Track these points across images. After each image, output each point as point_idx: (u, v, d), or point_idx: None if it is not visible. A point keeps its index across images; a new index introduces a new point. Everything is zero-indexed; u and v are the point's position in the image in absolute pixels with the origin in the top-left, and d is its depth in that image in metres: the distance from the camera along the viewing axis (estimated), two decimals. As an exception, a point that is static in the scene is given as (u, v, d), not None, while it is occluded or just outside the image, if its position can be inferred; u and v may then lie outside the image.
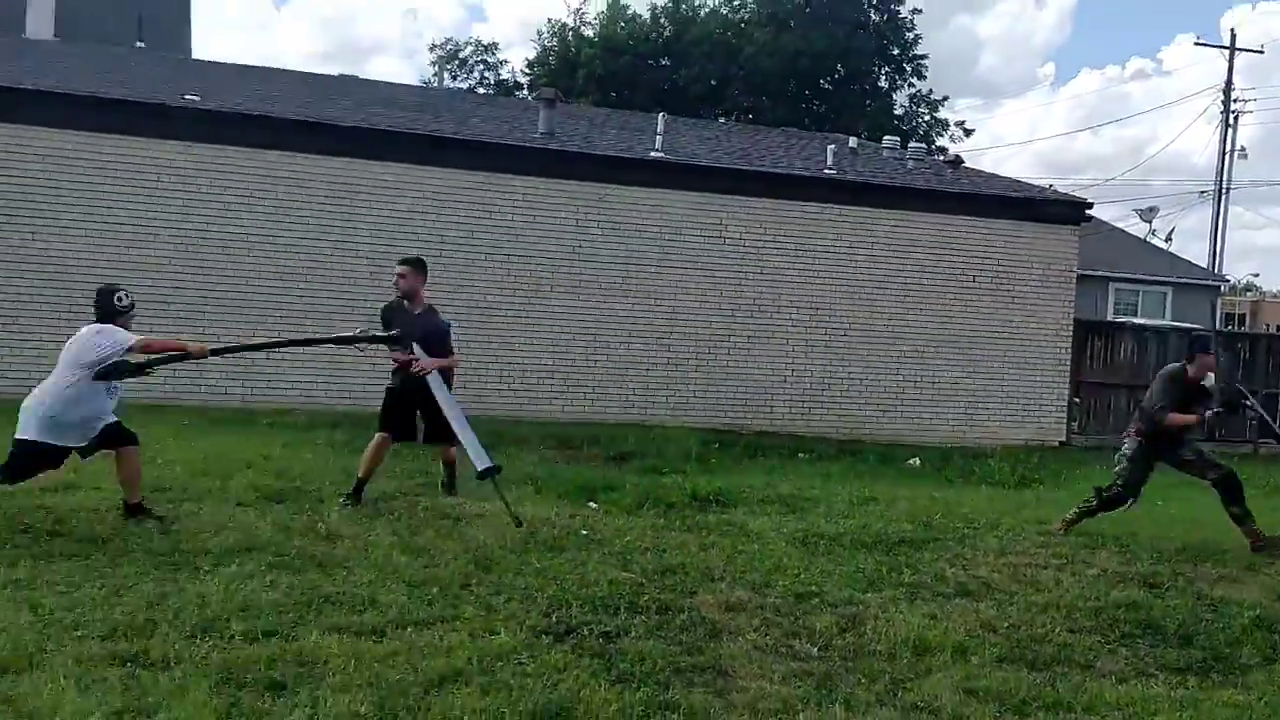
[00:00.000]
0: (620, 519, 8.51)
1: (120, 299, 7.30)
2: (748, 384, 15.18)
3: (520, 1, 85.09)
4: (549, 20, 45.55)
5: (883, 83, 44.09)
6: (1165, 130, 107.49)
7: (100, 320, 7.22)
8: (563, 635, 5.66)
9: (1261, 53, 44.09)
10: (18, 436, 7.04)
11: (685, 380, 14.90)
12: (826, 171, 15.75)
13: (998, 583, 7.38)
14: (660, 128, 15.50)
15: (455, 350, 8.98)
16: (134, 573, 6.16)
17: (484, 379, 13.82)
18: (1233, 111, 40.47)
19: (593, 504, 9.13)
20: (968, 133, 44.19)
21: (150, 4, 30.31)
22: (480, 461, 7.95)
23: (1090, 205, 17.53)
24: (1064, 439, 16.54)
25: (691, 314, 14.88)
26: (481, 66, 44.02)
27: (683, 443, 12.97)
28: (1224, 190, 40.39)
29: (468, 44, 45.57)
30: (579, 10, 43.48)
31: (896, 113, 43.47)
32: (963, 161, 18.33)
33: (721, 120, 41.61)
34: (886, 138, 20.01)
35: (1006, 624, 6.52)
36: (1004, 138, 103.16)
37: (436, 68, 42.61)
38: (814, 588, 6.90)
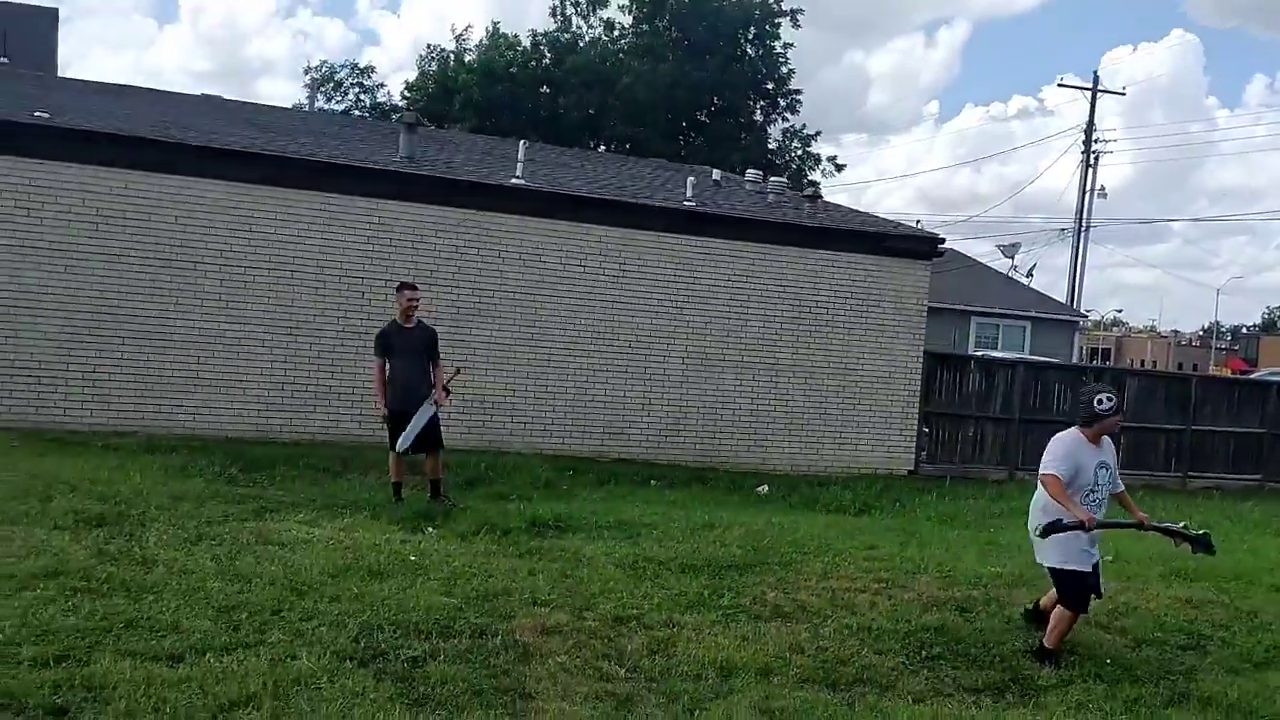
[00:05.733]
0: (454, 544, 8.52)
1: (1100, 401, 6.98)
2: (605, 413, 15.27)
3: (414, 26, 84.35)
4: (428, 46, 45.30)
5: (757, 116, 45.00)
6: (1045, 168, 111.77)
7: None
8: (368, 660, 5.66)
9: (1124, 94, 46.21)
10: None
11: (541, 408, 14.94)
12: (685, 203, 16.01)
13: (814, 606, 7.60)
14: (521, 155, 15.58)
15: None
16: (-73, 598, 5.97)
17: (342, 402, 13.69)
18: (1094, 151, 42.23)
19: (431, 530, 9.10)
20: (839, 168, 45.35)
21: (15, 21, 29.50)
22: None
23: (942, 240, 18.09)
24: (913, 468, 17.02)
25: (549, 341, 14.95)
26: (357, 90, 43.66)
27: (535, 470, 13.02)
28: (1083, 228, 42.10)
29: (343, 67, 45.21)
30: (460, 36, 43.31)
31: (770, 146, 44.39)
32: (820, 196, 18.80)
33: (602, 149, 42.02)
34: (750, 171, 20.42)
35: (816, 646, 6.72)
36: (888, 172, 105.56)
37: (310, 90, 42.01)
38: (634, 611, 7.02)
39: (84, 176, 12.95)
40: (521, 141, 17.03)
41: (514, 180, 15.07)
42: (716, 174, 19.66)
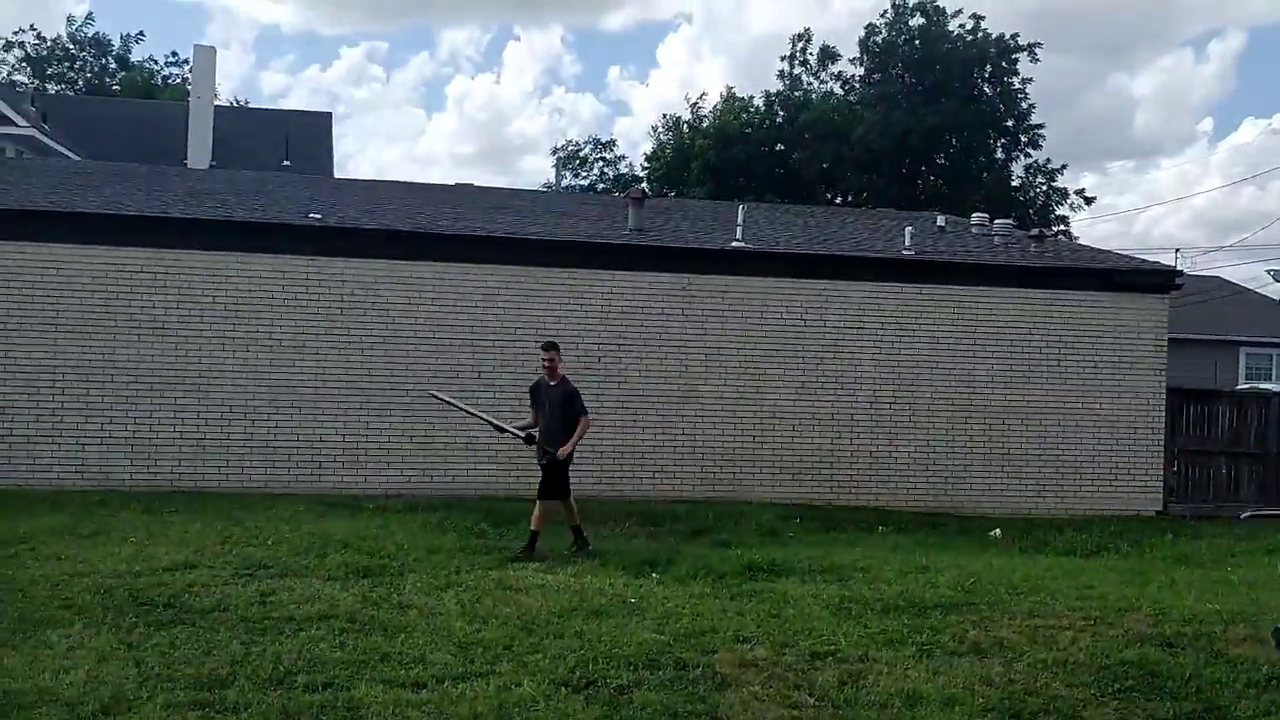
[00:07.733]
0: (672, 588, 9.23)
1: None
2: (831, 461, 15.69)
3: (662, 93, 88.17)
4: (663, 115, 47.17)
5: (999, 155, 44.29)
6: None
7: None
8: (581, 688, 6.41)
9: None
10: None
11: (769, 458, 15.52)
12: (904, 252, 16.33)
13: (1013, 642, 7.82)
14: (740, 218, 16.37)
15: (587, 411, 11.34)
16: (227, 636, 7.18)
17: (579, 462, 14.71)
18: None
19: (654, 575, 9.85)
20: (1088, 200, 43.97)
21: (296, 127, 33.21)
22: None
23: (1180, 273, 17.59)
24: (1161, 508, 16.51)
25: (775, 395, 15.55)
26: (600, 164, 45.91)
27: (760, 518, 13.60)
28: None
29: (587, 143, 47.65)
30: (695, 104, 44.92)
31: (1014, 184, 43.55)
32: (1047, 235, 18.65)
33: (838, 201, 42.40)
34: (975, 215, 20.43)
35: (1006, 679, 6.99)
36: (1160, 196, 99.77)
37: (557, 169, 44.55)
38: (831, 647, 7.48)
39: (351, 266, 14.69)
40: (740, 205, 17.84)
41: (734, 243, 15.86)
42: (941, 220, 19.82)
